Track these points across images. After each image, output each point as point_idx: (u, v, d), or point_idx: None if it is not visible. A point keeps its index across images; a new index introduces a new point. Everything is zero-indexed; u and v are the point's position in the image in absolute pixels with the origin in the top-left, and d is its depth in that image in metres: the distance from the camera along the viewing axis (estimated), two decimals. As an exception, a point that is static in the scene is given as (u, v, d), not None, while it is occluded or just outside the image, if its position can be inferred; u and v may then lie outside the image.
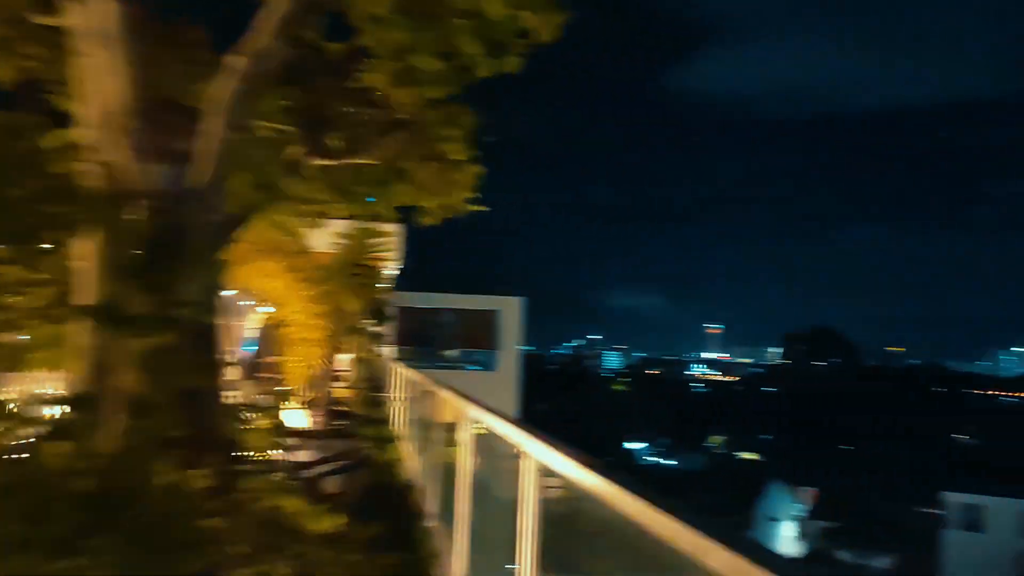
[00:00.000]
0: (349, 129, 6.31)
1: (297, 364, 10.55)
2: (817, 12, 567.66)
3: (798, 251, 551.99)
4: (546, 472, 3.35)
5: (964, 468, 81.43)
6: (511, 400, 28.57)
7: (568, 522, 3.19)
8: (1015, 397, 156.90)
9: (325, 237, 9.92)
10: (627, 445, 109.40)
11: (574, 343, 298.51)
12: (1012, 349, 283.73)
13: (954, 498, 51.98)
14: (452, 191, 7.02)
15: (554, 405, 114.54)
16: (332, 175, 6.75)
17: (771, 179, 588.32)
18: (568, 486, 3.01)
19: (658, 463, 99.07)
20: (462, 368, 31.00)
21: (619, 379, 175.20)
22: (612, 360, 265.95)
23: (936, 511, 53.71)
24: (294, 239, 9.14)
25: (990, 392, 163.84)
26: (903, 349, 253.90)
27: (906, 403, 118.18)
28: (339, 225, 10.35)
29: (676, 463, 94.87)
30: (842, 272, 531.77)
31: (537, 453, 3.44)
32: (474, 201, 7.19)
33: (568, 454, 2.97)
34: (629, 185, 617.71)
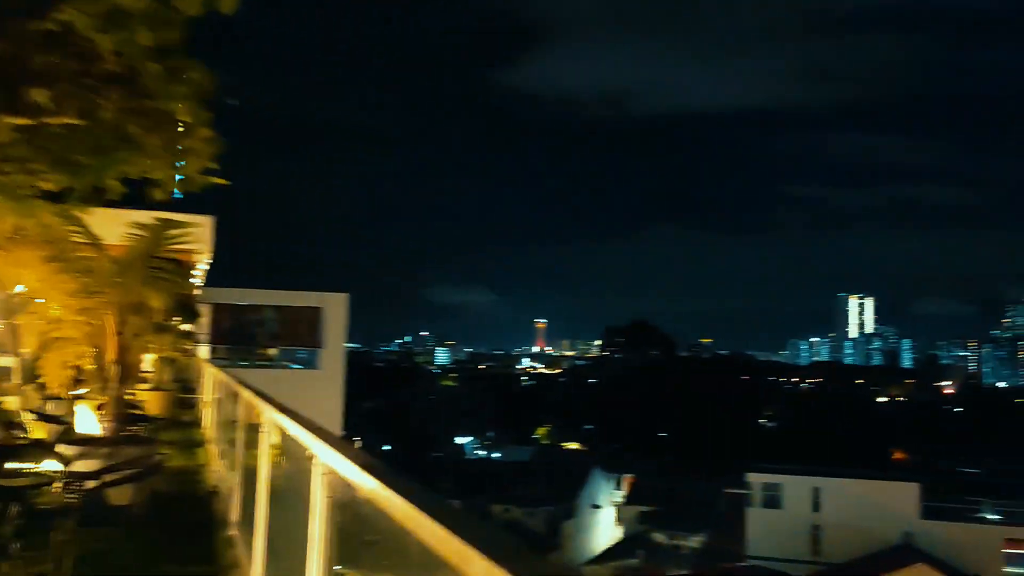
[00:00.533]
0: (52, 82, 5.31)
1: (55, 365, 9.58)
2: (631, 20, 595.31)
3: (618, 248, 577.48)
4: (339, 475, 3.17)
5: (767, 449, 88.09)
6: (336, 399, 27.87)
7: (360, 527, 3.02)
8: (810, 383, 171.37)
9: (116, 227, 9.05)
10: (458, 440, 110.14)
11: (403, 340, 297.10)
12: (810, 339, 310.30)
13: (756, 478, 55.96)
14: (186, 160, 6.11)
15: (383, 402, 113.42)
16: (39, 139, 5.69)
17: (591, 179, 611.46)
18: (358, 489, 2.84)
19: (486, 456, 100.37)
20: (284, 367, 29.94)
21: (448, 375, 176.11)
22: (442, 356, 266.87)
23: (741, 491, 57.62)
24: (54, 227, 8.12)
25: (792, 379, 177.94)
26: (712, 340, 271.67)
27: (716, 391, 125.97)
28: (134, 215, 9.51)
29: (502, 456, 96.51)
30: (658, 269, 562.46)
31: (325, 456, 3.25)
32: (214, 173, 6.31)
33: (353, 457, 2.80)
34: (457, 180, 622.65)
